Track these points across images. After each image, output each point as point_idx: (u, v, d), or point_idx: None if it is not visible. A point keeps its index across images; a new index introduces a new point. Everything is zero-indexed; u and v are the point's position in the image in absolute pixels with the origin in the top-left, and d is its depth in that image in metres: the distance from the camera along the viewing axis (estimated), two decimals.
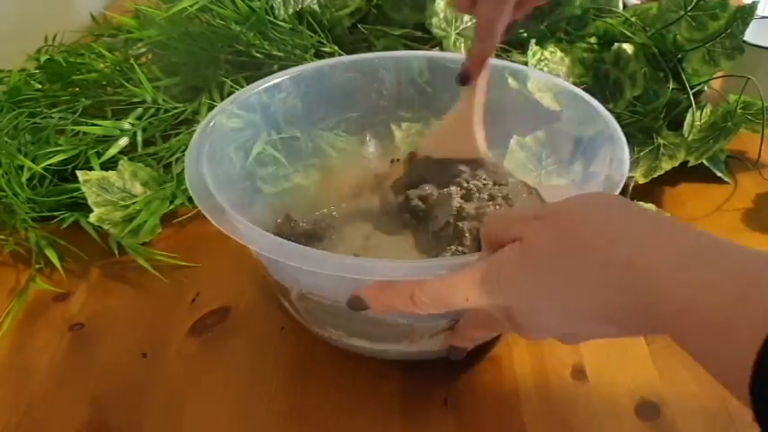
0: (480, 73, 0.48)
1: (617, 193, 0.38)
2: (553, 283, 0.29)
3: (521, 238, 0.31)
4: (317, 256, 0.35)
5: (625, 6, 0.72)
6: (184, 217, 0.58)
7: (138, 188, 0.56)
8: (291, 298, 0.42)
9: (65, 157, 0.58)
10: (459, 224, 0.45)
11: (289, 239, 0.36)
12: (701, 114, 0.61)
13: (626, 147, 0.42)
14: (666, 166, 0.58)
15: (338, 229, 0.52)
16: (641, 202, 0.56)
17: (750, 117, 0.61)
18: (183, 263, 0.54)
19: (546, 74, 0.59)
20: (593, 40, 0.67)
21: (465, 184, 0.48)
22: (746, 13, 0.59)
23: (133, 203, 0.54)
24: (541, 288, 0.30)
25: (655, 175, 0.58)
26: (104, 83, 0.68)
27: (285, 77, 0.52)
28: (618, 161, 0.41)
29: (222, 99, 0.61)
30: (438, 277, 0.33)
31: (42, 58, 0.71)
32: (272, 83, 0.51)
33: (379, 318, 0.39)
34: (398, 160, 0.55)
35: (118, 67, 0.67)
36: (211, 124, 0.46)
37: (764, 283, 0.23)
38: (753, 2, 0.61)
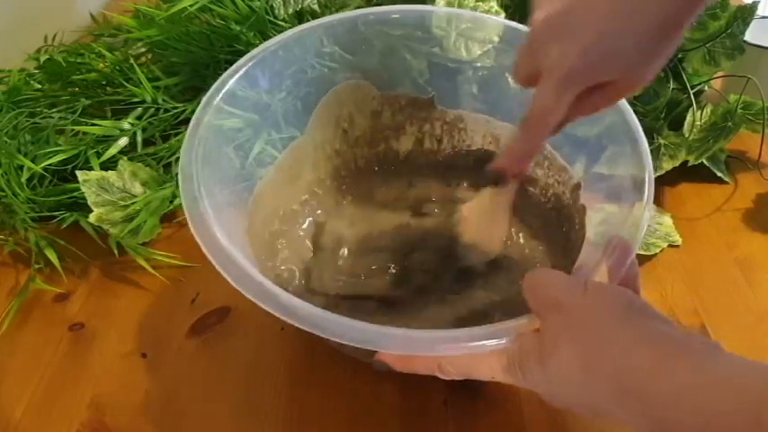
0: (517, 173, 0.40)
1: (651, 190, 0.38)
2: (569, 385, 0.31)
3: (538, 328, 0.33)
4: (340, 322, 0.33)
5: None
6: (184, 217, 0.57)
7: (137, 188, 0.56)
8: None
9: (65, 157, 0.58)
10: None
11: None
12: (701, 114, 0.61)
13: (644, 139, 0.41)
14: (667, 166, 0.58)
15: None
16: None
17: (750, 117, 0.61)
18: (182, 263, 0.54)
19: None
20: None
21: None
22: (747, 13, 0.59)
23: (133, 203, 0.54)
24: (558, 386, 0.32)
25: (655, 175, 0.58)
26: (104, 83, 0.67)
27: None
28: (638, 157, 0.40)
29: None
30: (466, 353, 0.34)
31: (42, 58, 0.70)
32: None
33: None
34: None
35: (118, 67, 0.67)
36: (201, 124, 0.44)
37: None
38: (753, 2, 0.60)
